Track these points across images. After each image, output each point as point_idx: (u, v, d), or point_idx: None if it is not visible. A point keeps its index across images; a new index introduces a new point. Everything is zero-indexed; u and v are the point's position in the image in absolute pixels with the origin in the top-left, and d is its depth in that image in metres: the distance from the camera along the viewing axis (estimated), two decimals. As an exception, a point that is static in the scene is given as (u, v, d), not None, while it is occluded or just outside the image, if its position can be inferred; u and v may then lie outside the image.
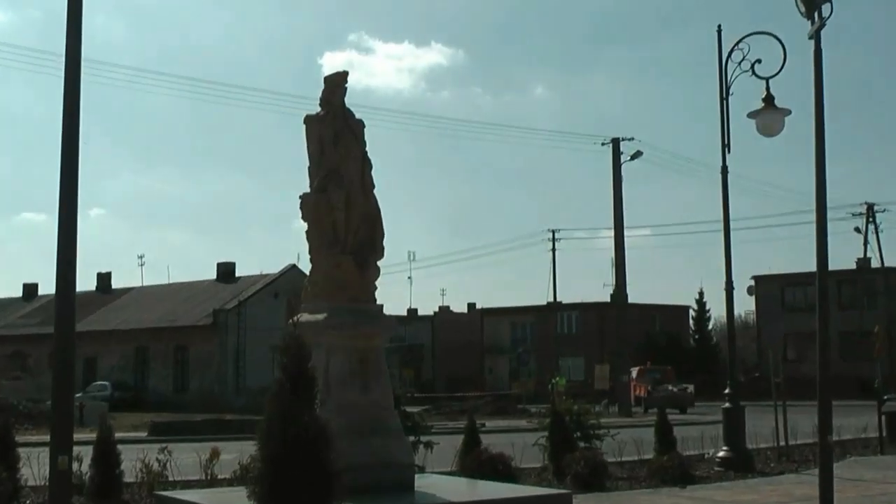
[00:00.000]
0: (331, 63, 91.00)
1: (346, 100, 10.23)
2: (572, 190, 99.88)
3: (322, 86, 10.25)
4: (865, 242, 53.42)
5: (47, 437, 7.80)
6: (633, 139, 41.51)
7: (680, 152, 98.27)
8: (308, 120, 10.21)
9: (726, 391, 15.34)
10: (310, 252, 10.01)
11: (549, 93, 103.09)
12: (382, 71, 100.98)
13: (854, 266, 56.06)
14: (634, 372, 44.58)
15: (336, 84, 10.21)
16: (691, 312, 66.39)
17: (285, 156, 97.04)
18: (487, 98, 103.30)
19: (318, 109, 10.29)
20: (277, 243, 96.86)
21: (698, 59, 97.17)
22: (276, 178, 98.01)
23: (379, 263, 10.05)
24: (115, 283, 59.39)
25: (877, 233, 53.22)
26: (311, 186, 10.12)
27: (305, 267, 10.87)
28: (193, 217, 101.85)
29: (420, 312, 73.16)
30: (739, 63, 13.44)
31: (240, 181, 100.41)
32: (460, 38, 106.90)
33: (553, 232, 55.10)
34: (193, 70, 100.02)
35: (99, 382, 48.77)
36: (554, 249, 54.75)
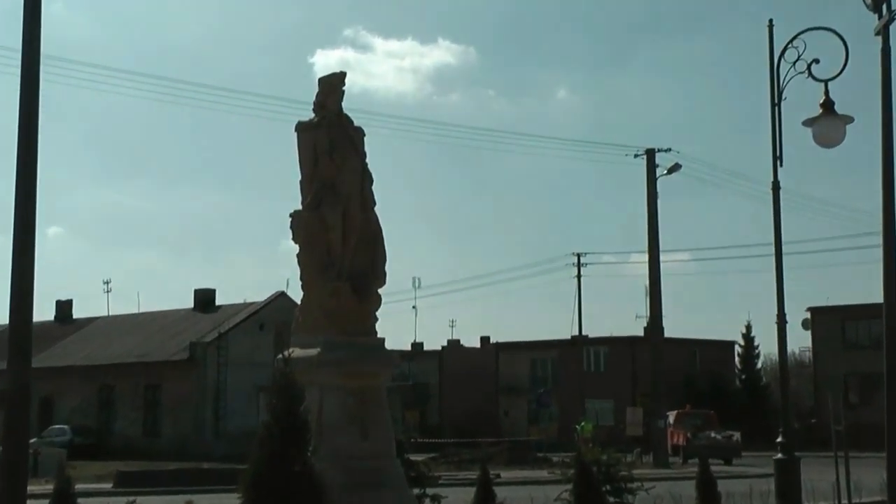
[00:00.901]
0: (323, 62, 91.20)
1: (343, 104, 10.25)
2: (600, 208, 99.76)
3: (316, 88, 10.29)
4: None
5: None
6: (669, 150, 41.42)
7: (724, 165, 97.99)
8: (300, 127, 10.24)
9: (779, 440, 15.10)
10: (301, 278, 10.04)
11: (574, 97, 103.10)
12: (382, 71, 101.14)
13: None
14: (672, 416, 44.31)
15: (332, 86, 10.25)
16: (737, 349, 66.09)
17: (273, 168, 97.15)
18: (503, 102, 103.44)
19: (312, 115, 10.33)
20: (264, 268, 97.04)
21: (746, 58, 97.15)
22: (263, 194, 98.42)
23: (380, 291, 10.07)
24: (77, 313, 59.53)
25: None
26: (302, 203, 10.14)
27: (296, 295, 10.90)
28: (167, 237, 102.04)
29: (426, 347, 73.03)
30: (794, 63, 13.37)
31: (221, 196, 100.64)
32: (471, 34, 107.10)
33: (578, 256, 55.00)
34: (167, 69, 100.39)
35: (57, 426, 48.62)
36: (579, 276, 54.64)
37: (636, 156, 41.18)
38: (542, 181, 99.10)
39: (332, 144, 10.05)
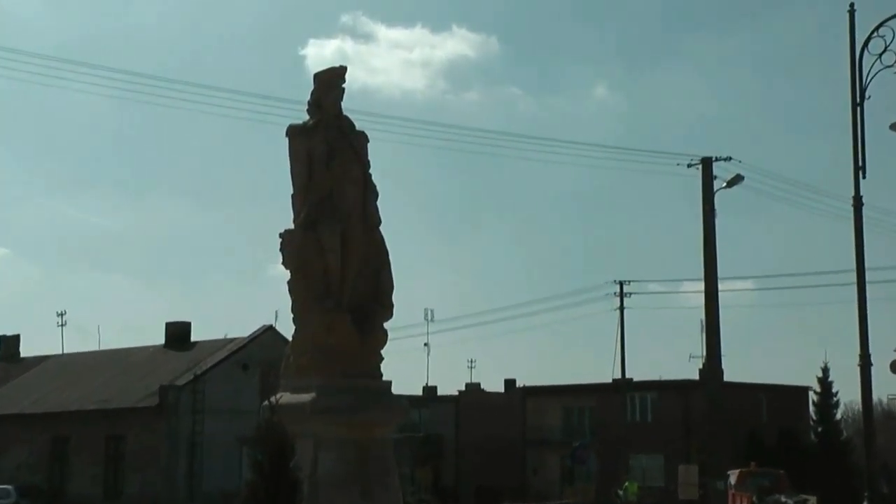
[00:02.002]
0: (317, 55, 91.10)
1: (343, 104, 10.27)
2: (646, 227, 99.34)
3: (310, 86, 10.34)
4: None
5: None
6: (729, 159, 41.33)
7: (793, 177, 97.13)
8: (292, 132, 10.28)
9: (863, 504, 15.13)
10: (292, 309, 10.09)
11: (613, 95, 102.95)
12: (386, 65, 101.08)
13: None
14: (734, 476, 44.01)
15: (330, 83, 10.31)
16: (812, 396, 65.59)
17: (259, 179, 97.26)
18: (529, 102, 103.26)
19: (306, 118, 10.39)
20: (248, 297, 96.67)
21: (819, 49, 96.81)
22: (247, 209, 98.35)
23: (386, 325, 10.11)
24: (26, 350, 59.43)
25: None
26: (294, 220, 10.18)
27: (286, 329, 10.95)
28: (134, 260, 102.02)
29: (441, 391, 72.83)
30: (880, 56, 13.29)
31: (198, 212, 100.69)
32: (492, 21, 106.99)
33: (621, 284, 54.77)
34: (133, 62, 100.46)
35: (0, 486, 48.70)
36: (622, 308, 54.43)
37: (689, 165, 41.10)
38: (575, 195, 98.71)
39: (329, 152, 10.10)
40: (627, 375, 58.20)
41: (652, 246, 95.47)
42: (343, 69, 10.40)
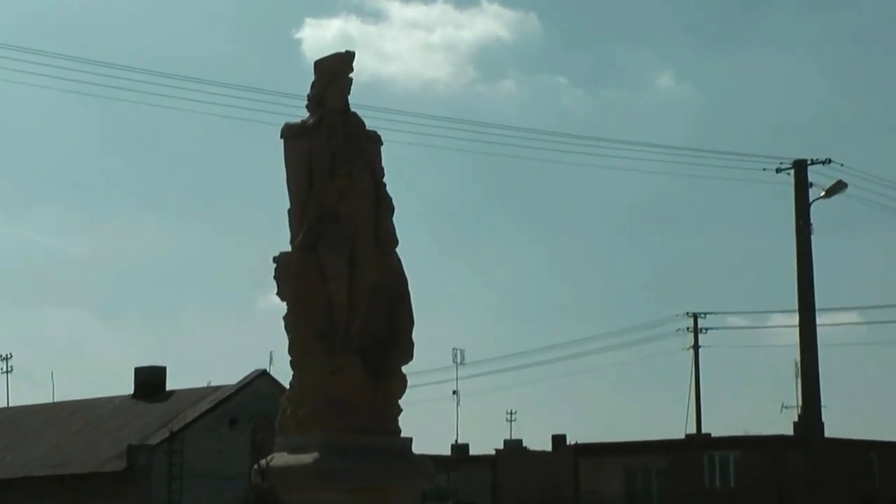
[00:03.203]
0: (316, 38, 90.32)
1: (350, 99, 10.38)
2: (724, 247, 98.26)
3: (310, 76, 10.46)
4: None
5: None
6: (828, 162, 41.12)
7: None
8: (289, 133, 10.37)
9: None
10: (290, 350, 10.17)
11: (681, 85, 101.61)
12: (402, 50, 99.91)
13: None
14: (838, 554, 43.84)
15: (334, 73, 10.38)
16: (936, 453, 65.33)
17: (247, 191, 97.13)
18: (577, 95, 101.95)
19: (305, 115, 10.47)
20: (235, 335, 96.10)
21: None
22: (234, 228, 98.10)
23: (405, 369, 10.16)
24: (-38, 402, 59.94)
25: None
26: (291, 241, 10.26)
27: (282, 375, 10.99)
28: (96, 291, 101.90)
29: (473, 450, 72.42)
30: None
31: (172, 233, 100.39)
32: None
33: (694, 318, 54.44)
34: (91, 48, 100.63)
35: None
36: (696, 347, 54.18)
37: (779, 170, 40.74)
38: (635, 208, 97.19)
39: (334, 158, 10.15)
40: (704, 430, 57.97)
41: (732, 269, 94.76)
42: (350, 55, 10.46)
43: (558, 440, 73.25)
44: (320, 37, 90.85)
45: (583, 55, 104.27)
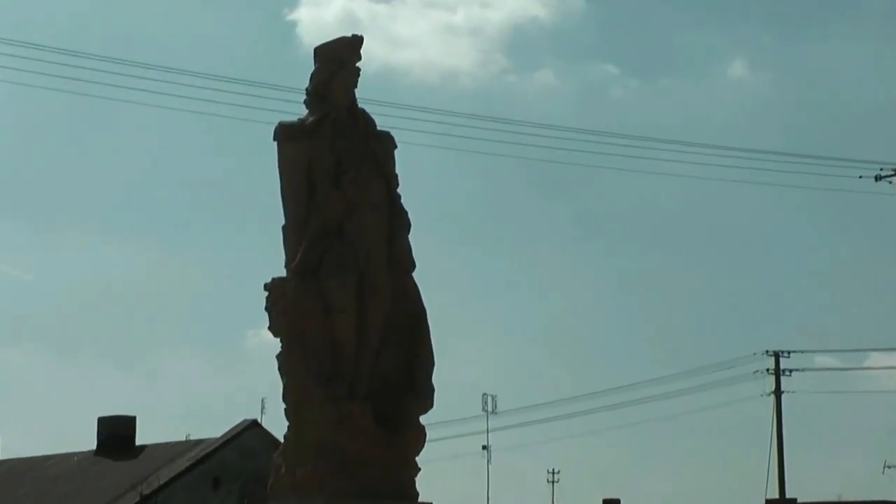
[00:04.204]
0: (314, 20, 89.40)
1: (359, 92, 10.42)
2: (810, 270, 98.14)
3: (308, 66, 10.47)
4: None
5: None
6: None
7: None
8: (284, 134, 10.37)
9: None
10: (286, 396, 10.14)
11: (756, 75, 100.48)
12: (418, 34, 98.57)
13: None
14: None
15: (339, 61, 10.40)
16: None
17: (232, 204, 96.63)
18: (630, 87, 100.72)
19: (304, 112, 10.48)
20: (219, 378, 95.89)
21: None
22: (216, 249, 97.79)
23: (424, 419, 10.14)
24: None
25: None
26: (287, 265, 10.25)
27: (277, 426, 10.92)
28: (48, 325, 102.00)
29: (508, 518, 72.61)
30: None
31: (141, 255, 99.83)
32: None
33: (776, 357, 54.21)
34: (43, 32, 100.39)
35: None
36: (778, 393, 53.91)
37: (880, 177, 40.51)
38: (701, 222, 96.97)
39: (339, 163, 10.16)
40: (788, 494, 57.57)
41: (821, 298, 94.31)
42: (357, 41, 10.48)
43: (611, 505, 73.10)
44: (319, 18, 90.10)
45: (637, 39, 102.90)
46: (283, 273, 10.26)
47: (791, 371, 54.80)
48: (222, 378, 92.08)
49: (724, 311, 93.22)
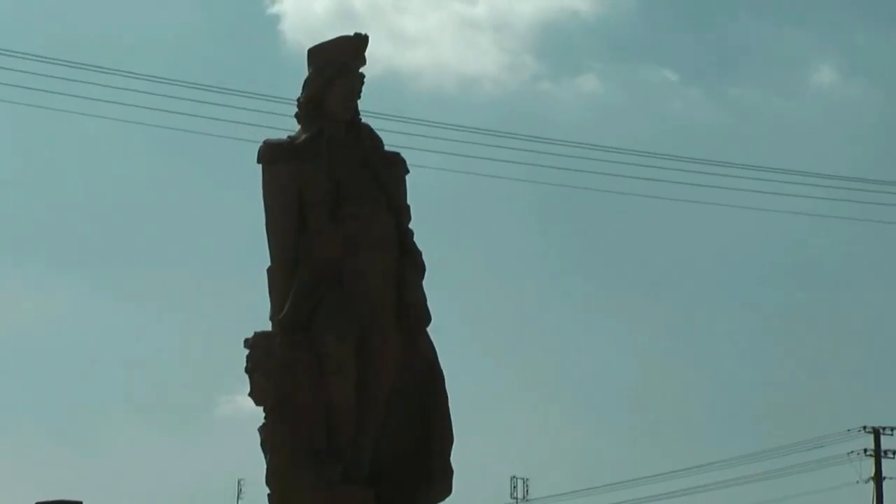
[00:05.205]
0: (300, 11, 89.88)
1: (362, 104, 10.44)
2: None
3: (299, 70, 10.50)
4: None
5: None
6: None
7: None
8: (269, 155, 10.36)
9: None
10: (269, 478, 10.08)
11: (850, 82, 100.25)
12: (429, 29, 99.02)
13: None
14: None
15: (339, 65, 10.39)
16: None
17: (199, 240, 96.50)
18: (692, 95, 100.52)
19: (294, 128, 10.50)
20: (185, 454, 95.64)
21: None
22: (183, 296, 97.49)
23: (443, 506, 10.27)
24: None
25: None
26: (272, 316, 10.24)
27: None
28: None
29: None
30: None
31: (92, 302, 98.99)
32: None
33: (875, 434, 54.28)
34: None
35: None
36: (879, 479, 53.89)
37: None
38: (779, 265, 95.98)
39: (338, 190, 10.12)
40: None
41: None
42: (362, 41, 10.45)
43: None
44: (307, 11, 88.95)
45: (699, 38, 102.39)
46: (267, 326, 10.19)
47: (893, 453, 54.73)
48: (189, 455, 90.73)
49: (811, 378, 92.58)
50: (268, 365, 10.01)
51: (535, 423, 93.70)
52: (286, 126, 10.58)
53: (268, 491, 10.08)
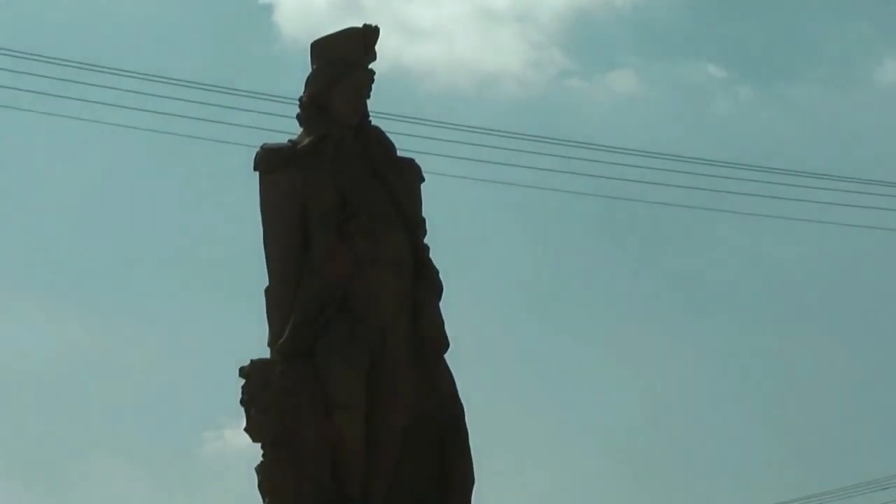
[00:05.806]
0: (296, 1, 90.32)
1: (373, 105, 10.31)
2: None
3: (300, 67, 10.44)
4: None
5: None
6: None
7: None
8: (267, 163, 10.26)
9: None
10: None
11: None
12: (444, 20, 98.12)
13: None
14: None
15: (345, 62, 10.33)
16: None
17: (186, 257, 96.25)
18: (742, 94, 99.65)
19: (296, 132, 10.39)
20: (164, 497, 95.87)
21: None
22: (162, 319, 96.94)
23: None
24: None
25: None
26: (271, 343, 10.09)
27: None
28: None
29: None
30: None
31: (70, 330, 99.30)
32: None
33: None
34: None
35: None
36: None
37: None
38: (850, 283, 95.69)
39: (345, 201, 10.03)
40: None
41: None
42: (372, 33, 10.36)
43: None
44: (306, 4, 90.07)
45: (749, 31, 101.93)
46: (265, 354, 10.07)
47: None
48: (170, 499, 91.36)
49: (880, 411, 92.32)
50: (266, 397, 9.87)
51: (568, 462, 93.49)
52: (285, 128, 10.34)
53: (268, 545, 9.63)
